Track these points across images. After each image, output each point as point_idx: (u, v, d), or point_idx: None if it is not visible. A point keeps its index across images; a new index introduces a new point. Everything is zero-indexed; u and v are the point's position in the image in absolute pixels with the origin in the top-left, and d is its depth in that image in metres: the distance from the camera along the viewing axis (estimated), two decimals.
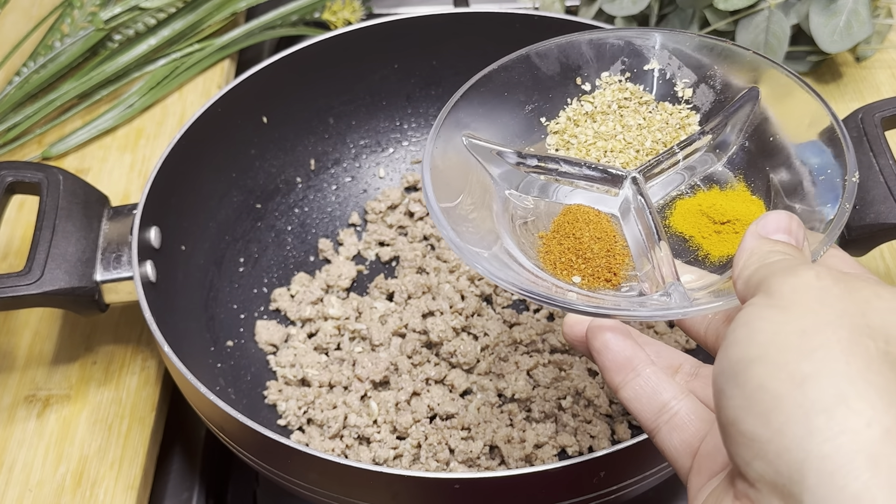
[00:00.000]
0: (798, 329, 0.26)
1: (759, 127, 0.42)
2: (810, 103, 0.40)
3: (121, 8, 0.73)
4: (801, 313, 0.26)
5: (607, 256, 0.39)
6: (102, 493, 0.53)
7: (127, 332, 0.60)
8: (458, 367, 0.57)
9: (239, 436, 0.47)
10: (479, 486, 0.43)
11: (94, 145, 0.72)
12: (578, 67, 0.44)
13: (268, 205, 0.66)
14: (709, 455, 0.32)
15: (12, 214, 0.67)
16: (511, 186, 0.42)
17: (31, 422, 0.56)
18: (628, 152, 0.42)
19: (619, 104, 0.44)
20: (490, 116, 0.43)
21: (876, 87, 0.74)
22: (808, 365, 0.25)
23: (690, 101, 0.44)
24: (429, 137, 0.40)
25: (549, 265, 0.39)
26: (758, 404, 0.25)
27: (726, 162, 0.43)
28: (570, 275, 0.38)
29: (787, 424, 0.25)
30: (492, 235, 0.40)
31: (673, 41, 0.44)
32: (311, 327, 0.61)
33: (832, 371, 0.25)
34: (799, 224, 0.32)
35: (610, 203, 0.41)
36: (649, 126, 0.43)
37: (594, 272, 0.38)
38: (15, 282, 0.50)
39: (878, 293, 0.27)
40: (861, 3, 0.68)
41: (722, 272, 0.38)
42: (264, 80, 0.62)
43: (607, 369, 0.35)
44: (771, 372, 0.25)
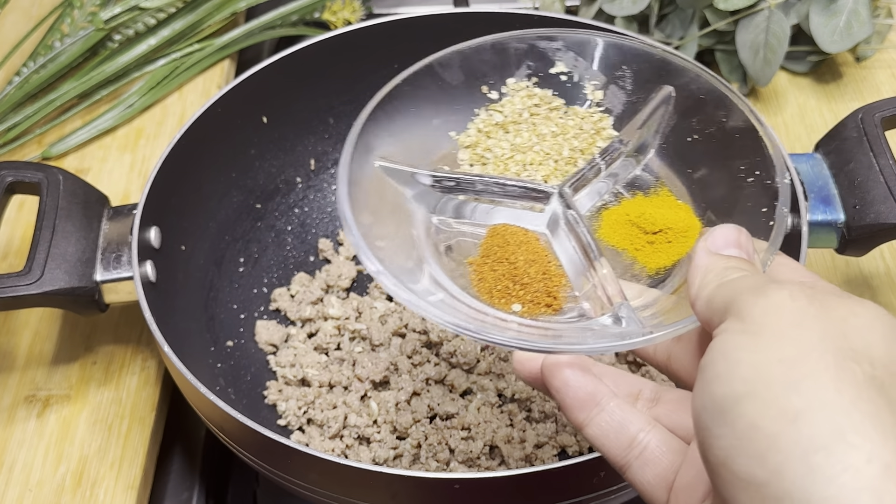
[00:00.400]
0: (781, 358, 0.25)
1: (675, 127, 0.40)
2: (727, 100, 0.39)
3: (121, 8, 0.73)
4: (781, 340, 0.25)
5: (544, 279, 0.36)
6: (102, 493, 0.53)
7: (127, 333, 0.60)
8: (458, 367, 0.57)
9: (239, 436, 0.47)
10: (479, 487, 0.43)
11: (93, 145, 0.72)
12: (483, 75, 0.42)
13: (268, 205, 0.66)
14: (686, 488, 0.31)
15: (12, 214, 0.67)
16: (428, 209, 0.40)
17: (31, 422, 0.56)
18: (547, 164, 0.40)
19: (530, 112, 0.41)
20: (399, 135, 0.41)
21: (876, 86, 0.74)
22: (799, 398, 0.24)
23: (601, 103, 0.42)
24: (340, 164, 0.37)
25: (485, 294, 0.36)
26: (751, 444, 0.24)
27: (646, 165, 0.41)
28: (509, 303, 0.36)
29: (786, 465, 0.24)
30: (418, 265, 0.37)
31: (577, 41, 0.42)
32: (311, 327, 0.61)
33: (824, 403, 0.24)
34: (747, 236, 0.31)
35: (535, 220, 0.39)
36: (564, 133, 0.41)
37: (533, 298, 0.36)
38: (15, 282, 0.50)
39: (854, 310, 0.26)
40: (861, 3, 0.68)
41: (660, 286, 0.36)
42: (264, 80, 0.62)
43: (569, 408, 0.33)
44: (761, 409, 0.24)
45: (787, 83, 0.74)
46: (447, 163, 0.41)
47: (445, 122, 0.42)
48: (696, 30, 0.73)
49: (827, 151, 0.54)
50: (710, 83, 0.39)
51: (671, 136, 0.40)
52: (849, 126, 0.53)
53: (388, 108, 0.41)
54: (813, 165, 0.54)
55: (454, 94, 0.42)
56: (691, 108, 0.40)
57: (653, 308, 0.35)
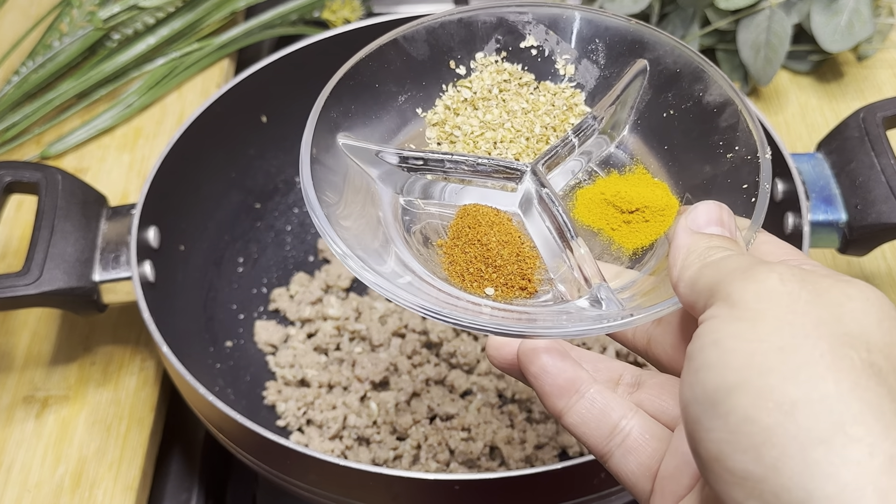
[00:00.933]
0: (775, 347, 0.24)
1: (650, 103, 0.39)
2: (704, 74, 0.37)
3: (119, 7, 0.73)
4: (775, 327, 0.24)
5: (517, 261, 0.35)
6: (101, 494, 0.53)
7: (126, 333, 0.60)
8: (458, 368, 0.57)
9: (238, 436, 0.47)
10: (480, 488, 0.43)
11: (92, 145, 0.72)
12: (450, 49, 0.41)
13: (267, 204, 0.65)
14: (671, 477, 0.30)
15: (11, 214, 0.66)
16: (394, 189, 0.38)
17: (29, 422, 0.56)
18: (519, 141, 0.39)
19: (499, 87, 0.40)
20: (364, 113, 0.39)
21: (878, 86, 0.73)
22: (795, 389, 0.23)
23: (573, 78, 0.41)
24: (302, 141, 0.36)
25: (457, 277, 0.35)
26: (745, 438, 0.23)
27: (620, 142, 0.40)
28: (482, 286, 0.35)
29: (783, 460, 0.23)
30: (384, 247, 0.36)
31: (548, 15, 0.40)
32: (310, 327, 0.61)
33: (822, 394, 0.23)
34: (729, 213, 0.30)
35: (506, 200, 0.38)
36: (535, 110, 0.40)
37: (507, 281, 0.35)
38: (13, 282, 0.50)
39: (847, 293, 0.25)
40: (863, 3, 0.68)
41: (638, 266, 0.35)
42: (263, 80, 0.62)
43: (547, 395, 0.32)
44: (755, 401, 0.23)
45: (789, 82, 0.74)
46: (414, 142, 0.40)
47: (412, 98, 0.40)
48: (697, 29, 0.72)
49: (828, 151, 0.54)
50: (687, 56, 0.38)
51: (646, 112, 0.39)
52: (850, 126, 0.53)
53: (352, 84, 0.38)
54: (814, 165, 0.54)
55: (420, 70, 0.40)
56: (666, 82, 0.39)
57: (632, 290, 0.34)
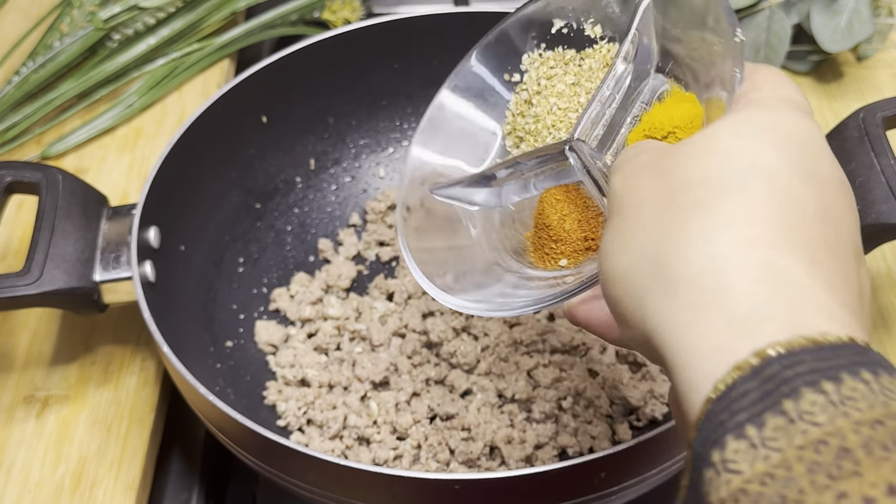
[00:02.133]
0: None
1: (664, 24, 0.41)
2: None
3: (120, 7, 0.73)
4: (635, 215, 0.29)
5: (580, 228, 0.38)
6: (101, 494, 0.53)
7: (126, 333, 0.60)
8: (458, 368, 0.57)
9: (238, 436, 0.47)
10: (480, 487, 0.43)
11: (93, 145, 0.72)
12: (500, 67, 0.45)
13: (267, 205, 0.65)
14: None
15: (11, 214, 0.66)
16: (496, 204, 0.43)
17: (29, 422, 0.56)
18: (568, 119, 0.42)
19: (546, 77, 0.43)
20: (449, 147, 0.44)
21: (877, 86, 0.73)
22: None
23: (604, 35, 0.43)
24: (397, 211, 0.41)
25: (539, 261, 0.39)
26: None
27: (656, 71, 0.41)
28: (556, 261, 0.38)
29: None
30: (491, 266, 0.40)
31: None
32: (310, 327, 0.61)
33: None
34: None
35: (571, 172, 0.40)
36: (578, 82, 0.42)
37: (573, 247, 0.38)
38: (14, 282, 0.50)
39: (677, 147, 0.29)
40: (862, 3, 0.68)
41: None
42: (264, 80, 0.62)
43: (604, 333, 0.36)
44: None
45: None
46: (501, 156, 0.44)
47: (486, 119, 0.44)
48: None
49: None
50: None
51: (664, 33, 0.41)
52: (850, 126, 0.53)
53: (429, 138, 0.44)
54: None
55: (482, 95, 0.44)
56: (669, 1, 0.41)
57: None
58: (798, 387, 0.22)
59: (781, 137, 0.28)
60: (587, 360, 0.57)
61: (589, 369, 0.57)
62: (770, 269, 0.25)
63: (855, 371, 0.22)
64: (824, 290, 0.25)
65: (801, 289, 0.25)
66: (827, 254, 0.26)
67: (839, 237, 0.27)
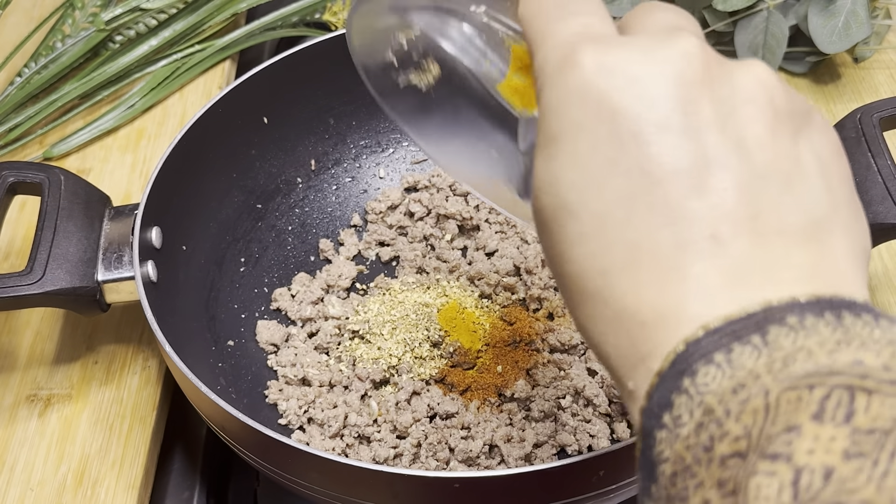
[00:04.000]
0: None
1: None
2: None
3: (122, 9, 0.73)
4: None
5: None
6: (104, 493, 0.53)
7: (128, 332, 0.61)
8: (458, 366, 0.58)
9: (240, 435, 0.47)
10: (479, 485, 0.43)
11: (95, 146, 0.72)
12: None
13: (268, 205, 0.66)
14: None
15: (14, 215, 0.67)
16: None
17: (32, 421, 0.56)
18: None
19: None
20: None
21: (874, 87, 0.74)
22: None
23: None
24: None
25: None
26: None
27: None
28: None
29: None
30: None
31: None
32: (311, 327, 0.61)
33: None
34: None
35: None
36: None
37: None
38: (16, 282, 0.50)
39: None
40: (859, 4, 0.68)
41: None
42: (265, 81, 0.62)
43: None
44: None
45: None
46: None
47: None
48: None
49: None
50: None
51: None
52: (847, 126, 0.54)
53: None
54: None
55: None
56: None
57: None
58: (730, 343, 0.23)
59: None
60: (586, 359, 0.58)
61: (588, 368, 0.57)
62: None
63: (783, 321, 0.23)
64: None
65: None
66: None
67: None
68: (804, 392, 0.21)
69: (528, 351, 0.58)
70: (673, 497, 0.22)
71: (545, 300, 0.61)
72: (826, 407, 0.20)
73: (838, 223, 0.26)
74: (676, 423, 0.23)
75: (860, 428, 0.20)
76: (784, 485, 0.20)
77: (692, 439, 0.22)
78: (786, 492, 0.20)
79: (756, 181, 0.25)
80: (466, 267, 0.63)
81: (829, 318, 0.23)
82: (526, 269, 0.62)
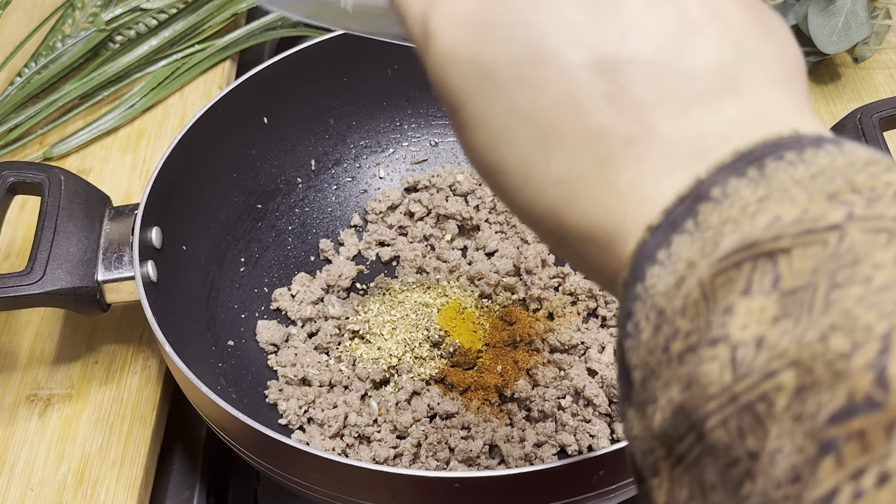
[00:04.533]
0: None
1: None
2: None
3: (122, 9, 0.73)
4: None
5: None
6: (104, 493, 0.53)
7: (128, 332, 0.61)
8: (458, 366, 0.58)
9: (240, 435, 0.47)
10: (479, 485, 0.43)
11: (95, 146, 0.72)
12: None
13: (268, 205, 0.66)
14: None
15: (14, 215, 0.67)
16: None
17: (32, 421, 0.56)
18: None
19: None
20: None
21: (874, 87, 0.74)
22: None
23: None
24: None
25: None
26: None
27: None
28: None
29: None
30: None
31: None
32: (311, 327, 0.61)
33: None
34: None
35: None
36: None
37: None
38: (17, 282, 0.50)
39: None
40: (859, 4, 0.69)
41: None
42: (265, 81, 0.62)
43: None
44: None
45: None
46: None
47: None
48: None
49: None
50: None
51: None
52: (847, 127, 0.54)
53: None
54: None
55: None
56: None
57: None
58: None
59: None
60: (586, 359, 0.58)
61: (588, 368, 0.57)
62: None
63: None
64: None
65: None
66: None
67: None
68: (733, 272, 0.21)
69: (528, 351, 0.58)
70: (645, 402, 0.22)
71: (545, 300, 0.61)
72: (753, 279, 0.20)
73: (749, 57, 0.24)
74: (637, 330, 0.23)
75: (786, 290, 0.20)
76: (724, 364, 0.20)
77: (652, 343, 0.22)
78: (726, 371, 0.20)
79: (650, 67, 0.24)
80: (466, 267, 0.63)
81: (752, 173, 0.22)
82: (526, 269, 0.62)
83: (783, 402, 0.18)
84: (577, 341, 0.58)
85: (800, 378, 0.18)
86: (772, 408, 0.18)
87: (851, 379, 0.17)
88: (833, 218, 0.20)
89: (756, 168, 0.22)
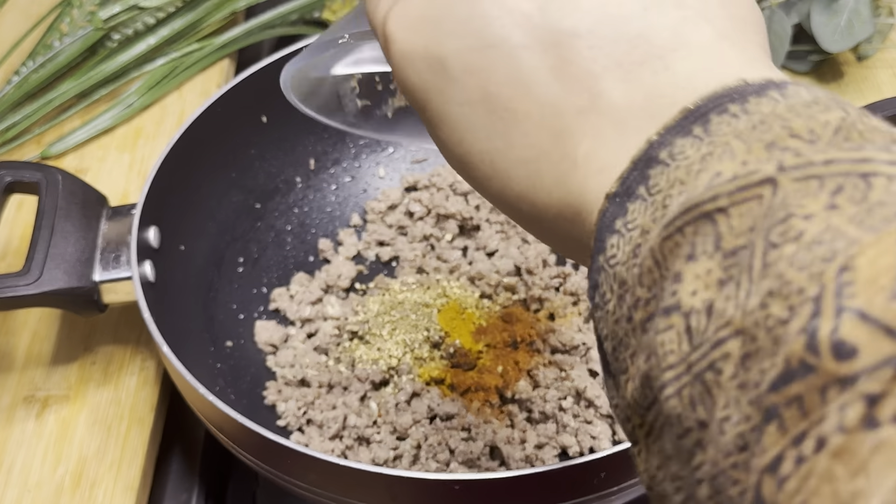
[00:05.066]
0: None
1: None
2: None
3: (120, 7, 0.73)
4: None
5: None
6: (101, 494, 0.53)
7: (126, 333, 0.60)
8: (458, 367, 0.57)
9: (238, 436, 0.47)
10: (480, 487, 0.43)
11: (92, 145, 0.72)
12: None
13: (267, 205, 0.65)
14: None
15: (11, 214, 0.66)
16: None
17: (29, 422, 0.56)
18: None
19: None
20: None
21: (877, 86, 0.74)
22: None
23: None
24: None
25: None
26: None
27: None
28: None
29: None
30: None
31: None
32: (310, 327, 0.61)
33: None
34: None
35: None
36: None
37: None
38: (13, 282, 0.50)
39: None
40: (862, 3, 0.68)
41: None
42: (264, 80, 0.62)
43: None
44: None
45: None
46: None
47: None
48: None
49: None
50: None
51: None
52: None
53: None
54: None
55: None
56: None
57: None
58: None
59: None
60: (587, 360, 0.57)
61: (589, 369, 0.57)
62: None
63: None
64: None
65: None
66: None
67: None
68: (678, 237, 0.20)
69: (528, 352, 0.58)
70: (618, 371, 0.23)
71: (546, 300, 0.60)
72: (696, 243, 0.20)
73: (695, 13, 0.24)
74: (604, 301, 0.23)
75: (727, 250, 0.19)
76: (681, 334, 0.20)
77: (618, 313, 0.22)
78: (683, 340, 0.20)
79: (592, 37, 0.24)
80: (467, 267, 0.63)
81: (698, 130, 0.21)
82: (527, 269, 0.61)
83: (730, 370, 0.18)
84: (578, 342, 0.58)
85: (744, 346, 0.18)
86: (719, 376, 0.19)
87: (788, 345, 0.17)
88: (766, 170, 0.19)
89: (701, 125, 0.22)
